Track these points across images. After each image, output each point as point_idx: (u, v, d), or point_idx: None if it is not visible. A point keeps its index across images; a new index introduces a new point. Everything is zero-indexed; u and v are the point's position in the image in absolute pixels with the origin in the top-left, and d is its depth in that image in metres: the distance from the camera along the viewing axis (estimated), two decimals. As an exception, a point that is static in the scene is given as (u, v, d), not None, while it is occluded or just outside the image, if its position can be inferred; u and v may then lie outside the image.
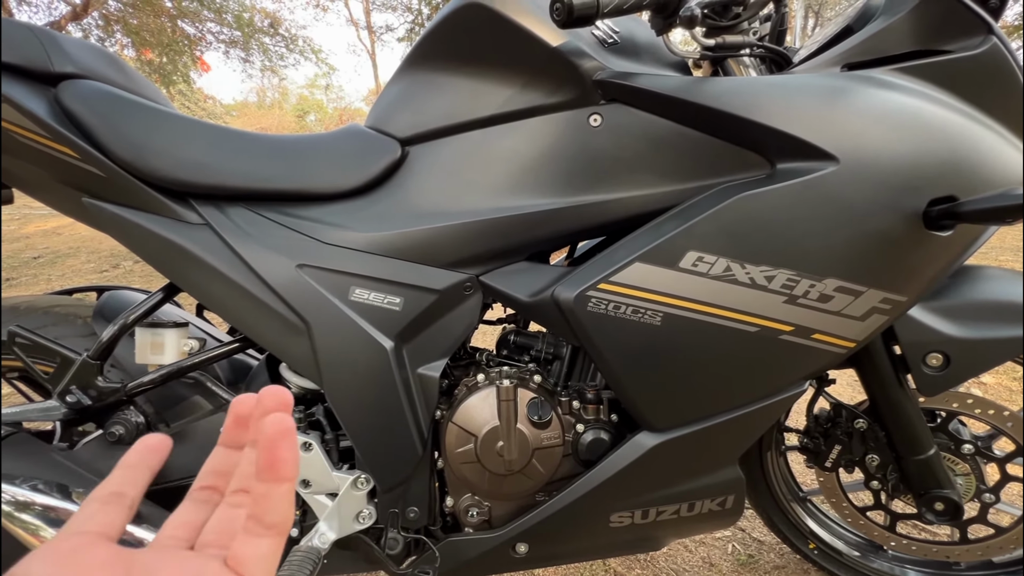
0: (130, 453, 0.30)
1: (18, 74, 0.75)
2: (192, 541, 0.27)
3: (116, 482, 0.29)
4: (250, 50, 9.86)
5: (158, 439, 0.31)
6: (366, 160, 0.81)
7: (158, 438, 0.31)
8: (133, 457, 0.30)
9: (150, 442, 0.31)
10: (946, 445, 0.92)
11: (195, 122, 0.80)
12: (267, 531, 0.26)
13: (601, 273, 0.72)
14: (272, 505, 0.25)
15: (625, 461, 0.80)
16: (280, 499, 0.25)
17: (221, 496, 0.29)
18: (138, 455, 0.30)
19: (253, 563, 0.25)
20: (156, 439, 0.31)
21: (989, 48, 0.69)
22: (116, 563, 0.24)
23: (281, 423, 0.25)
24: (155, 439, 0.31)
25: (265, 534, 0.26)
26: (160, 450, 0.31)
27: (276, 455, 0.25)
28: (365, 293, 0.78)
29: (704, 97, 0.71)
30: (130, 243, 0.78)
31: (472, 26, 0.77)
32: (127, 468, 0.30)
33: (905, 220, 0.69)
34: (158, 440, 0.31)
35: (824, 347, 0.74)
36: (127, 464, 0.30)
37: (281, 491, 0.25)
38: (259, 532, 0.26)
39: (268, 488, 0.25)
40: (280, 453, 0.25)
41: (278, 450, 0.25)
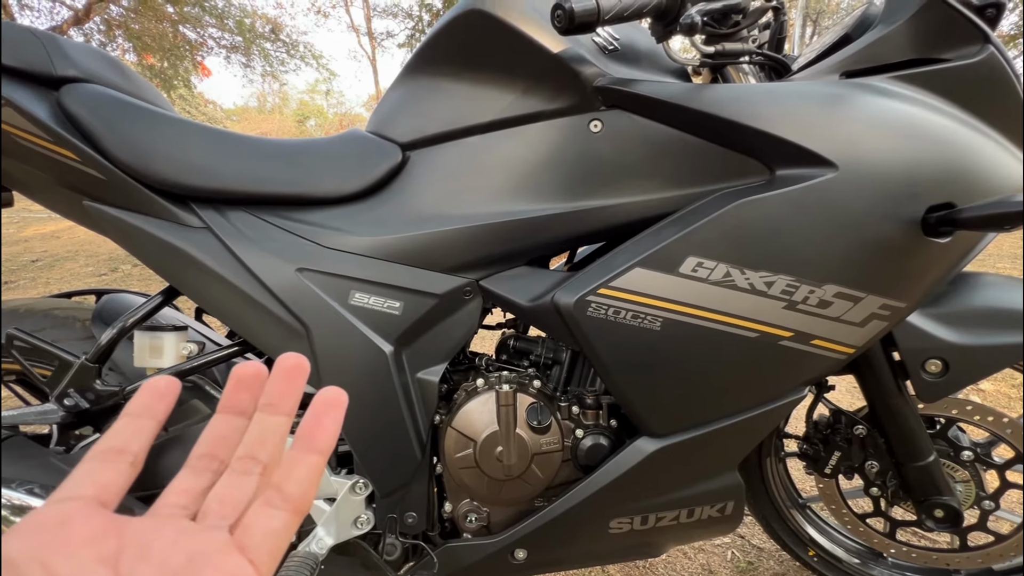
0: (133, 400, 0.27)
1: (21, 77, 0.75)
2: (193, 510, 0.25)
3: (117, 435, 0.25)
4: (251, 55, 9.90)
5: (165, 381, 0.27)
6: (367, 164, 0.81)
7: (164, 380, 0.27)
8: (136, 405, 0.26)
9: (156, 385, 0.27)
10: (945, 452, 0.92)
11: (196, 126, 0.80)
12: (284, 503, 0.24)
13: (601, 278, 0.72)
14: (298, 475, 0.24)
15: (625, 467, 0.80)
16: (308, 470, 0.24)
17: (222, 464, 0.26)
18: (142, 402, 0.26)
19: (262, 536, 0.23)
20: (163, 381, 0.27)
21: (986, 57, 0.69)
22: (107, 534, 0.22)
23: (337, 395, 0.25)
24: (162, 381, 0.27)
25: (282, 507, 0.24)
26: (167, 395, 0.27)
27: (320, 423, 0.24)
28: (365, 297, 0.78)
29: (704, 104, 0.71)
30: (130, 246, 0.78)
31: (474, 32, 0.77)
32: (130, 418, 0.26)
33: (904, 227, 0.69)
34: (164, 383, 0.27)
35: (823, 353, 0.74)
36: (130, 413, 0.26)
37: (311, 462, 0.24)
38: (276, 503, 0.24)
39: (299, 456, 0.24)
40: (325, 422, 0.24)
41: (324, 418, 0.24)
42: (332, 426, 0.24)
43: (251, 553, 0.23)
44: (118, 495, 0.24)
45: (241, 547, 0.23)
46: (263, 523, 0.23)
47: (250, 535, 0.23)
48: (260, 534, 0.23)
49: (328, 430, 0.24)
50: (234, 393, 0.28)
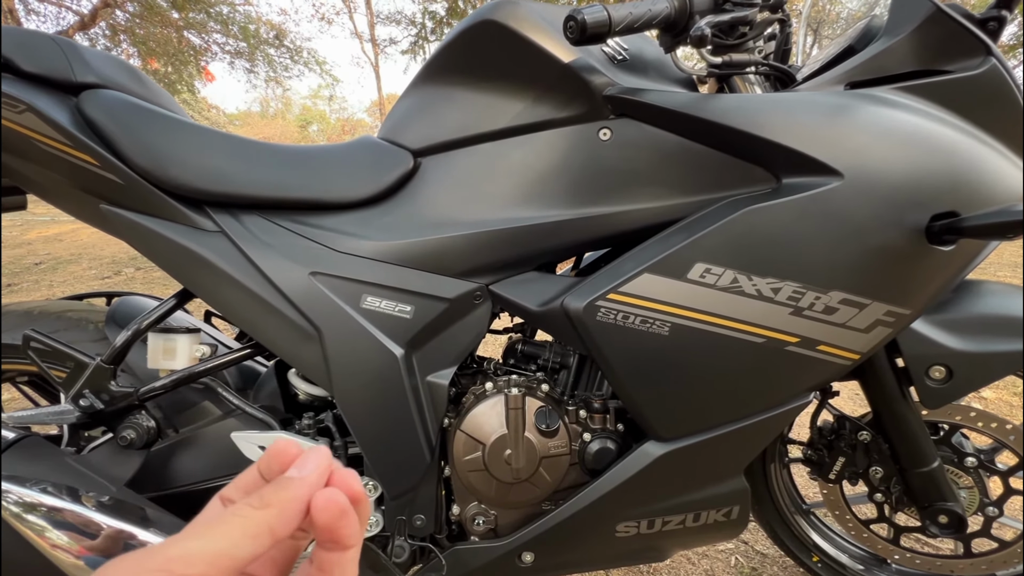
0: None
1: (41, 83, 0.77)
2: None
3: None
4: (255, 61, 9.98)
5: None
6: (379, 170, 0.82)
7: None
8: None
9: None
10: (949, 458, 0.92)
11: (212, 132, 0.82)
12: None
13: (610, 284, 0.74)
14: (340, 571, 0.26)
15: (631, 470, 0.81)
16: (347, 563, 0.26)
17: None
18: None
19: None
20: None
21: (988, 69, 0.71)
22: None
23: (335, 503, 0.25)
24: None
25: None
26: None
27: (338, 534, 0.25)
28: (377, 301, 0.79)
29: (711, 113, 0.72)
30: (146, 249, 0.79)
31: (486, 42, 0.79)
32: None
33: (908, 235, 0.70)
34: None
35: (829, 359, 0.75)
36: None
37: (348, 556, 0.26)
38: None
39: (336, 556, 0.26)
40: (341, 532, 0.25)
41: (339, 529, 0.25)
42: (349, 529, 0.25)
43: None
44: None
45: None
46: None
47: None
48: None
49: (349, 533, 0.25)
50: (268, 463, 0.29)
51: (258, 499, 0.24)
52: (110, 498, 0.75)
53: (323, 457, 0.27)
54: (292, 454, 0.28)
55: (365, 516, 0.27)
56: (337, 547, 0.25)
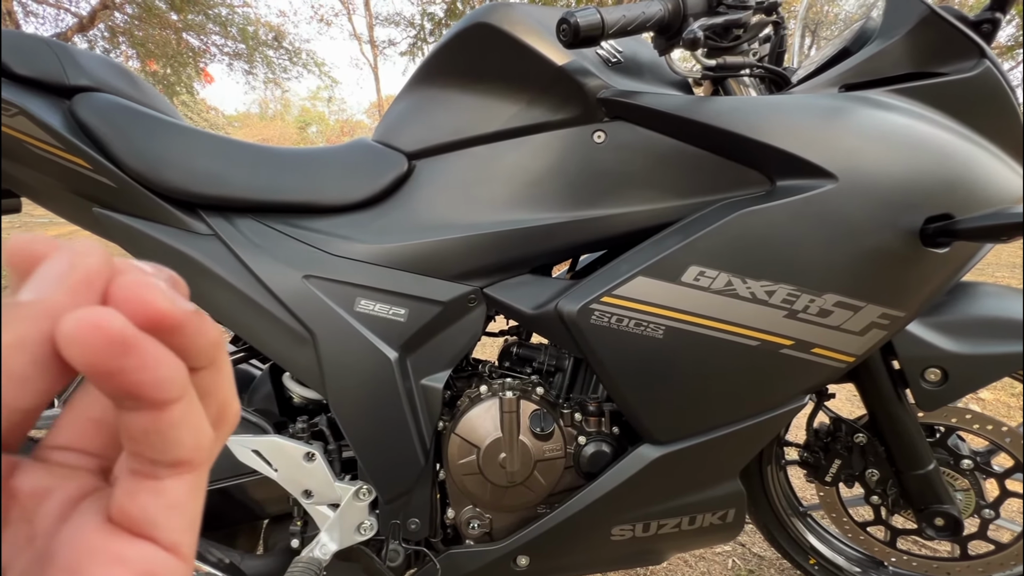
0: None
1: (34, 86, 0.77)
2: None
3: None
4: (254, 62, 9.98)
5: None
6: (373, 173, 0.82)
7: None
8: None
9: None
10: (945, 460, 0.92)
11: (206, 134, 0.82)
12: (173, 471, 0.16)
13: (604, 286, 0.73)
14: (159, 438, 0.15)
15: (627, 473, 0.81)
16: (175, 427, 0.15)
17: None
18: None
19: (162, 515, 0.16)
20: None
21: (982, 71, 0.71)
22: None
23: (98, 330, 0.14)
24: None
25: (170, 474, 0.16)
26: None
27: (124, 380, 0.14)
28: (370, 304, 0.79)
29: (706, 116, 0.72)
30: (139, 253, 0.79)
31: (480, 44, 0.79)
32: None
33: (902, 237, 0.70)
34: None
35: (824, 361, 0.75)
36: None
37: (167, 417, 0.15)
38: (159, 473, 0.16)
39: (148, 418, 0.15)
40: (129, 376, 0.14)
41: (122, 374, 0.14)
42: (166, 371, 0.14)
43: (163, 538, 0.16)
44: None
45: (146, 535, 0.16)
46: (157, 501, 0.16)
47: (145, 521, 0.16)
48: (161, 512, 0.16)
49: (144, 376, 0.14)
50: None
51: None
52: (102, 503, 0.75)
53: (81, 256, 0.15)
54: (40, 254, 0.16)
55: (204, 352, 0.16)
56: (137, 402, 0.14)
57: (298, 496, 0.82)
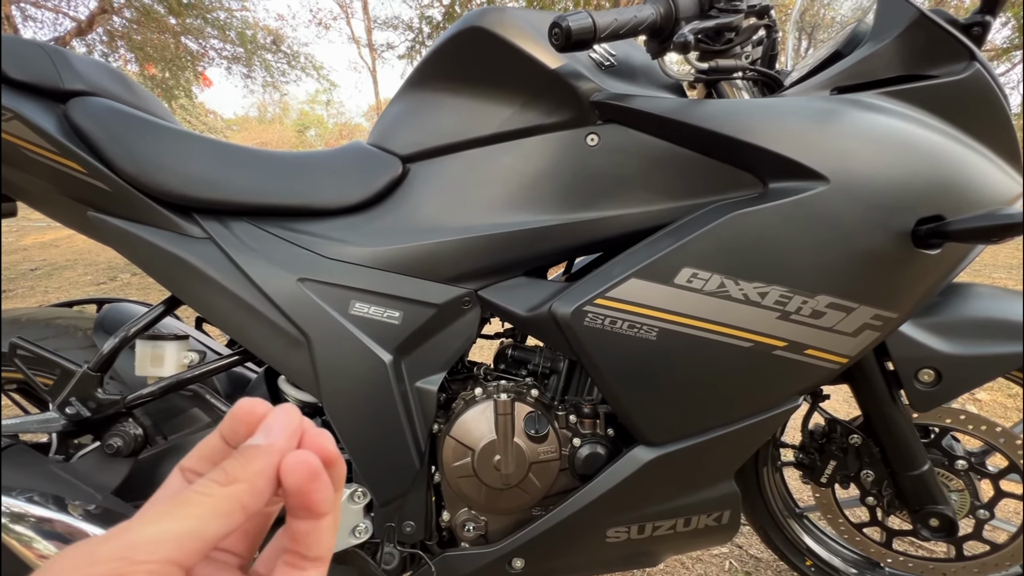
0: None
1: (29, 91, 0.77)
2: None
3: None
4: (252, 66, 9.99)
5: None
6: (368, 176, 0.83)
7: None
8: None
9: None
10: (940, 461, 0.92)
11: (200, 138, 0.82)
12: (313, 564, 0.24)
13: (598, 289, 0.74)
14: (314, 540, 0.24)
15: (621, 475, 0.81)
16: (322, 533, 0.24)
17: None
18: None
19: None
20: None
21: (972, 73, 0.71)
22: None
23: (306, 467, 0.23)
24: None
25: (311, 566, 0.24)
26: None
27: (309, 499, 0.23)
28: (365, 307, 0.79)
29: (698, 118, 0.73)
30: (134, 256, 0.79)
31: (474, 48, 0.79)
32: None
33: (894, 238, 0.70)
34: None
35: (817, 362, 0.75)
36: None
37: (322, 525, 0.24)
38: (305, 566, 0.24)
39: (308, 525, 0.23)
40: (313, 496, 0.23)
41: (310, 494, 0.23)
42: (321, 494, 0.23)
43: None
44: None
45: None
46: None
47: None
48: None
49: (321, 499, 0.23)
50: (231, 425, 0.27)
51: (223, 474, 0.22)
52: (96, 507, 0.75)
53: (292, 417, 0.25)
54: (258, 415, 0.25)
55: (340, 479, 0.25)
56: (310, 515, 0.23)
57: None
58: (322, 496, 0.23)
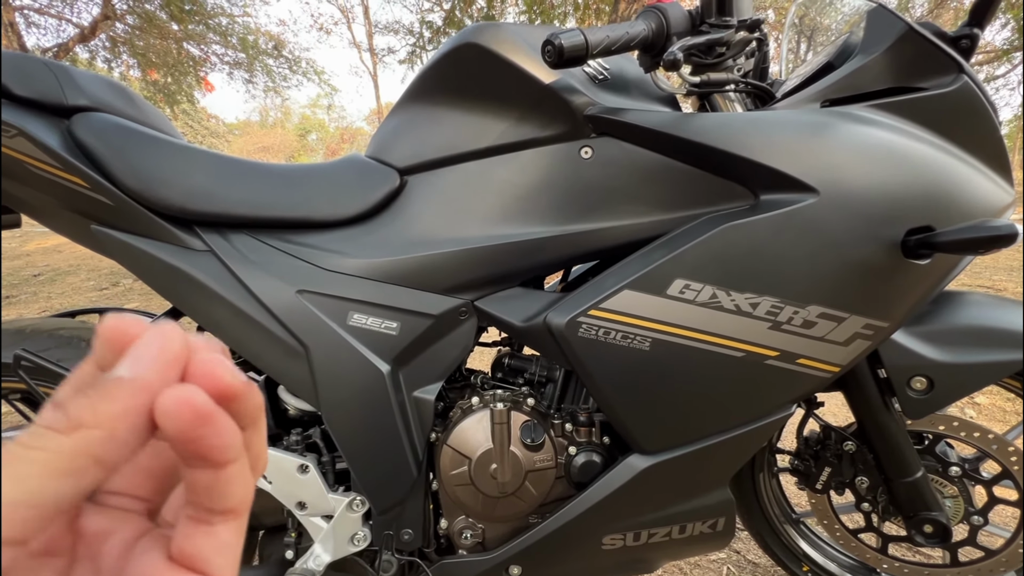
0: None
1: (33, 107, 0.78)
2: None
3: None
4: (254, 71, 10.05)
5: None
6: (366, 189, 0.84)
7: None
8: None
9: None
10: (933, 467, 0.93)
11: (201, 152, 0.83)
12: (223, 517, 0.19)
13: (591, 300, 0.75)
14: (218, 492, 0.19)
15: (617, 483, 0.82)
16: (228, 482, 0.19)
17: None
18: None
19: (214, 555, 0.19)
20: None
21: (961, 86, 0.72)
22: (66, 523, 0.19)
23: (190, 405, 0.17)
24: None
25: (221, 520, 0.19)
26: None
27: (200, 446, 0.18)
28: (363, 318, 0.80)
29: (690, 132, 0.74)
30: (136, 269, 0.80)
31: (469, 64, 0.80)
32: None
33: (884, 249, 0.71)
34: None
35: (809, 371, 0.76)
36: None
37: (227, 474, 0.18)
38: (213, 520, 0.19)
39: (207, 475, 0.18)
40: (204, 443, 0.18)
41: (200, 440, 0.18)
42: (219, 439, 0.18)
43: (214, 573, 0.19)
44: None
45: (197, 570, 0.19)
46: (208, 542, 0.19)
47: (199, 560, 0.19)
48: (211, 553, 0.19)
49: (221, 445, 0.18)
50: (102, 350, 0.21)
51: (64, 418, 0.17)
52: (99, 516, 0.76)
53: (170, 339, 0.19)
54: (130, 335, 0.19)
55: (252, 414, 0.20)
56: (205, 463, 0.18)
57: (292, 508, 0.83)
58: (219, 442, 0.18)
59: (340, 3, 18.03)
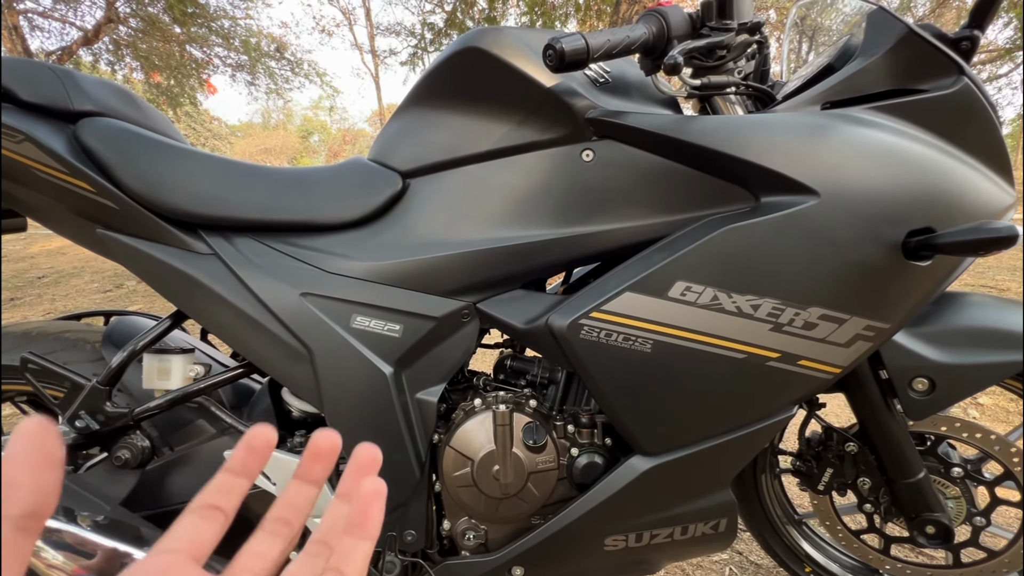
0: (233, 457, 0.28)
1: (40, 113, 0.79)
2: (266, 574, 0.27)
3: (214, 492, 0.27)
4: (256, 73, 10.08)
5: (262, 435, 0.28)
6: (368, 192, 0.84)
7: (262, 433, 0.28)
8: (235, 462, 0.28)
9: (253, 443, 0.28)
10: (936, 468, 0.93)
11: (206, 156, 0.84)
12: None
13: (593, 302, 0.75)
14: (354, 559, 0.26)
15: (619, 484, 0.82)
16: (362, 555, 0.26)
17: (292, 530, 0.28)
18: (240, 459, 0.28)
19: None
20: (259, 435, 0.28)
21: (961, 88, 0.73)
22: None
23: (377, 487, 0.27)
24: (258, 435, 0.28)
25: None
26: (263, 451, 0.28)
27: (369, 515, 0.26)
28: (366, 320, 0.81)
29: (691, 135, 0.74)
30: (141, 272, 0.81)
31: (471, 68, 0.81)
32: (229, 474, 0.28)
33: (885, 251, 0.71)
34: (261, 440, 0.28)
35: (810, 373, 0.76)
36: (229, 469, 0.28)
37: (365, 548, 0.26)
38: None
39: (354, 544, 0.26)
40: (372, 514, 0.26)
41: (371, 510, 0.26)
42: (379, 516, 0.27)
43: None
44: (209, 551, 0.26)
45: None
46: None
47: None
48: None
49: (377, 520, 0.27)
50: (310, 463, 0.30)
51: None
52: (105, 517, 0.77)
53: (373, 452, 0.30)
54: (330, 448, 0.30)
55: (383, 511, 0.28)
56: (362, 533, 0.26)
57: None
58: (379, 519, 0.27)
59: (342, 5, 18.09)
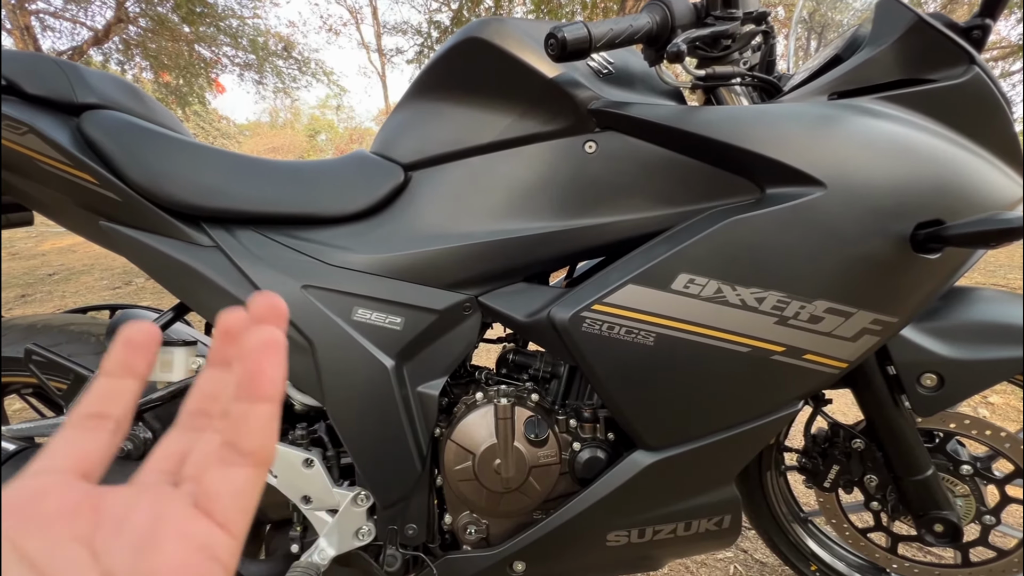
0: (108, 357, 0.23)
1: (44, 105, 0.80)
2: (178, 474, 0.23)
3: (96, 399, 0.23)
4: (264, 72, 10.13)
5: (142, 330, 0.24)
6: (371, 184, 0.84)
7: (140, 328, 0.24)
8: (113, 362, 0.23)
9: (131, 336, 0.23)
10: (944, 466, 0.92)
11: (208, 149, 0.84)
12: (243, 459, 0.21)
13: (595, 295, 0.74)
14: (250, 427, 0.21)
15: (621, 479, 0.81)
16: (260, 421, 0.21)
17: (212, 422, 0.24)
18: (119, 359, 0.23)
19: (226, 499, 0.21)
20: (138, 331, 0.24)
21: (972, 77, 0.71)
22: (84, 509, 0.20)
23: (267, 335, 0.21)
24: (137, 331, 0.23)
25: (241, 463, 0.21)
26: (147, 347, 0.24)
27: (258, 369, 0.21)
28: (367, 313, 0.80)
29: (695, 126, 0.73)
30: (144, 264, 0.81)
31: (473, 59, 0.80)
32: (108, 378, 0.23)
33: (893, 243, 0.70)
34: (140, 332, 0.23)
35: (816, 367, 0.75)
36: (107, 372, 0.23)
37: (261, 412, 0.21)
38: (234, 460, 0.21)
39: (247, 408, 0.21)
40: (263, 367, 0.21)
41: (261, 364, 0.21)
42: (274, 371, 0.21)
43: (219, 516, 0.21)
44: (101, 465, 0.22)
45: (208, 512, 0.21)
46: (225, 485, 0.21)
47: (214, 499, 0.21)
48: (225, 496, 0.21)
49: (272, 374, 0.21)
50: (221, 344, 0.25)
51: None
52: (108, 508, 0.77)
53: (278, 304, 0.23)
54: (239, 325, 0.24)
55: (281, 364, 0.23)
56: (253, 393, 0.21)
57: (297, 502, 0.83)
58: (275, 374, 0.21)
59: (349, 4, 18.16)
